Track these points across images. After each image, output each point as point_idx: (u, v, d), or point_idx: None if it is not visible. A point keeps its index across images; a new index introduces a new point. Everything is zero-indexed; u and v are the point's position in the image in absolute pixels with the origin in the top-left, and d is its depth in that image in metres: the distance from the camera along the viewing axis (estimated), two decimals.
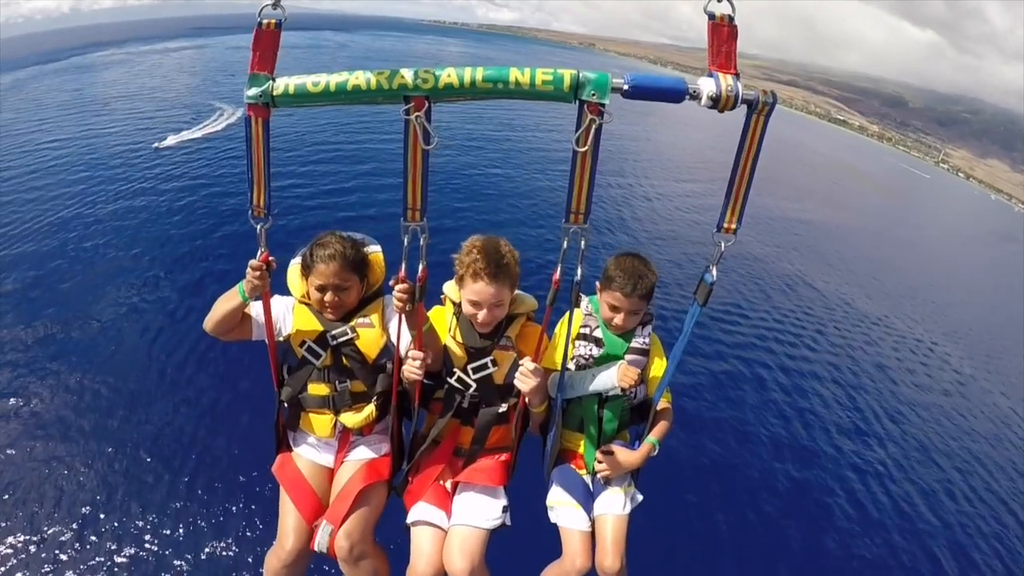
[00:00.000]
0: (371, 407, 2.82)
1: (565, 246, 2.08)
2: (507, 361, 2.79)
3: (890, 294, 20.88)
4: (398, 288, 2.30)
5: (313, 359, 2.76)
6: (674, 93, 1.83)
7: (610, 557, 2.66)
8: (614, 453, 2.86)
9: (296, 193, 16.31)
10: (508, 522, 2.78)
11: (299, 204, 15.54)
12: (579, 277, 2.23)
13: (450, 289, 2.84)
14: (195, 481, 7.31)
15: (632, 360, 2.80)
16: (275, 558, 2.64)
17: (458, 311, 2.79)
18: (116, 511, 6.80)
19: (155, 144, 21.11)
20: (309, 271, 2.70)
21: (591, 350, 2.85)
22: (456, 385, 2.80)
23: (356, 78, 1.87)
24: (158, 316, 10.45)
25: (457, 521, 2.70)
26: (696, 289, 2.27)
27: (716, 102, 1.79)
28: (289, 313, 2.78)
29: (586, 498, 2.88)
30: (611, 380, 2.71)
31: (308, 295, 2.77)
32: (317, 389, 2.80)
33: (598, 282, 2.87)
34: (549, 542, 2.85)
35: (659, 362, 2.90)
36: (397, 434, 2.92)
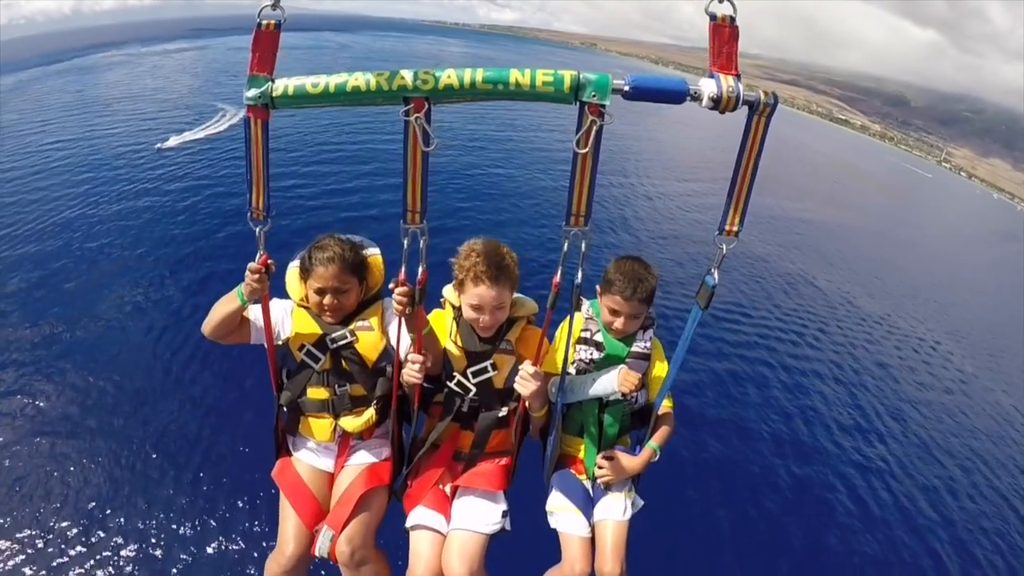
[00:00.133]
0: (371, 411, 2.79)
1: (566, 248, 2.06)
2: (507, 365, 2.77)
3: (892, 293, 20.85)
4: (398, 291, 2.28)
5: (312, 363, 2.73)
6: (675, 94, 1.82)
7: (610, 563, 2.64)
8: (615, 458, 2.84)
9: (299, 193, 16.36)
10: (508, 527, 2.76)
11: (302, 204, 15.58)
12: (579, 280, 2.21)
13: (449, 293, 2.81)
14: (199, 480, 7.35)
15: (633, 365, 2.77)
16: (276, 563, 2.61)
17: (458, 315, 2.77)
18: (121, 509, 6.85)
19: (157, 145, 21.16)
20: (308, 274, 2.68)
21: (591, 354, 2.83)
22: (456, 389, 2.78)
23: (355, 79, 1.85)
24: (162, 315, 10.50)
25: (456, 526, 2.68)
26: (697, 292, 2.25)
27: (717, 103, 1.78)
28: (288, 316, 2.75)
29: (586, 503, 2.86)
30: (611, 385, 2.68)
31: (307, 298, 2.75)
32: (316, 393, 2.77)
33: (598, 286, 2.85)
34: (549, 547, 2.82)
35: (660, 366, 2.87)
36: (397, 438, 2.90)
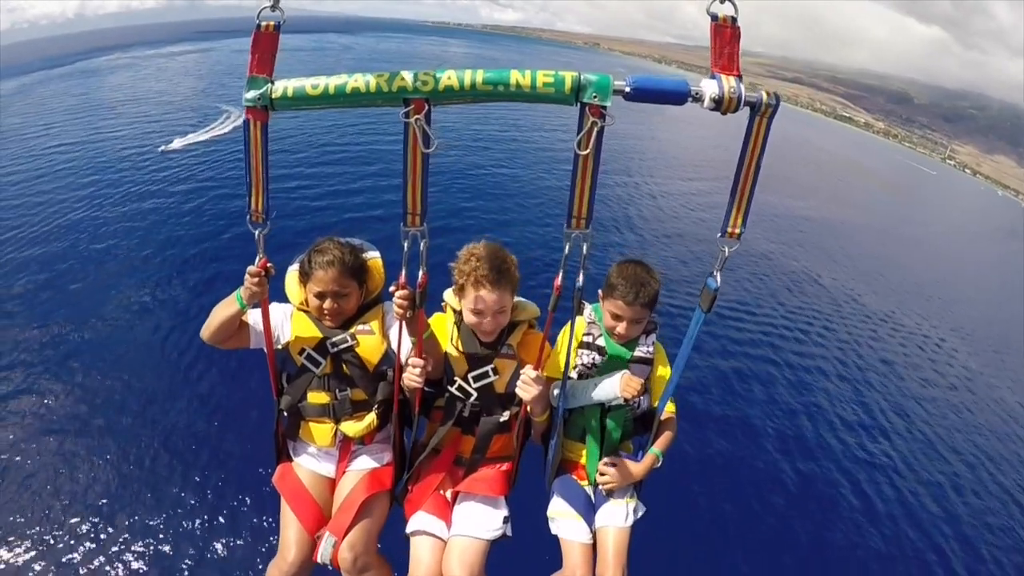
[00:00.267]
0: (372, 416, 2.78)
1: (567, 251, 2.04)
2: (508, 369, 2.75)
3: (896, 290, 20.77)
4: (398, 294, 2.27)
5: (313, 367, 2.72)
6: (676, 95, 1.80)
7: (611, 570, 2.62)
8: (617, 464, 2.82)
9: (303, 194, 16.40)
10: (509, 533, 2.74)
11: (306, 205, 15.62)
12: (580, 283, 2.20)
13: (450, 297, 2.79)
14: (206, 479, 7.39)
15: (635, 369, 2.76)
16: (277, 570, 2.60)
17: (459, 319, 2.76)
18: (129, 507, 6.90)
19: (161, 147, 21.19)
20: (307, 278, 2.67)
21: (594, 359, 2.82)
22: (457, 393, 2.77)
23: (355, 81, 1.84)
24: (169, 315, 10.56)
25: (457, 531, 2.66)
26: (699, 295, 2.24)
27: (719, 105, 1.77)
28: (287, 320, 2.74)
29: (587, 509, 2.84)
30: (614, 390, 2.65)
31: (307, 302, 2.73)
32: (317, 398, 2.76)
33: (600, 290, 2.83)
34: (550, 554, 2.81)
35: (663, 371, 2.85)
36: (399, 443, 2.88)
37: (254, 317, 2.66)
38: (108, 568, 6.22)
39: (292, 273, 2.79)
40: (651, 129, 41.36)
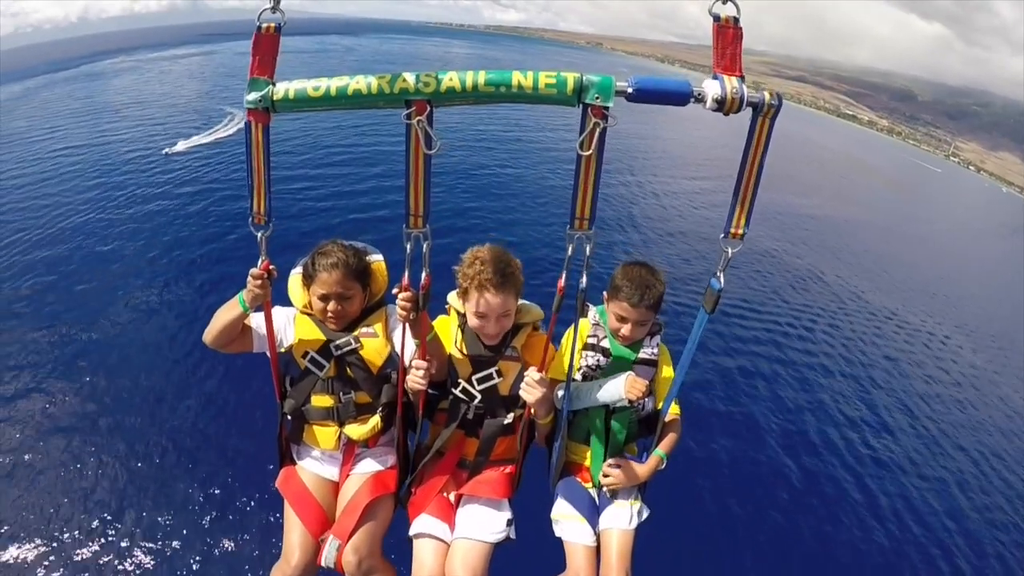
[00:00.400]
0: (376, 418, 2.77)
1: (570, 252, 2.04)
2: (512, 372, 2.74)
3: (901, 288, 20.71)
4: (401, 296, 2.25)
5: (317, 370, 2.71)
6: (679, 96, 1.79)
7: (615, 573, 2.59)
8: (621, 465, 2.80)
9: (308, 195, 16.44)
10: (512, 536, 2.73)
11: (312, 206, 15.66)
12: (584, 284, 2.19)
13: (454, 300, 2.79)
14: (212, 479, 7.43)
15: (640, 371, 2.74)
16: (280, 574, 2.60)
17: (463, 322, 2.75)
18: (136, 505, 6.97)
19: (166, 150, 21.25)
20: (311, 280, 2.66)
21: (598, 360, 2.80)
22: (461, 396, 2.76)
23: (357, 82, 1.83)
24: (176, 316, 10.60)
25: (460, 534, 2.65)
26: (703, 296, 2.22)
27: (721, 105, 1.75)
28: (290, 324, 2.73)
29: (591, 512, 2.82)
30: (618, 391, 2.63)
31: (310, 305, 2.72)
32: (321, 401, 2.75)
33: (605, 292, 2.82)
34: (553, 556, 2.79)
35: (667, 372, 2.83)
36: (403, 446, 2.86)
37: (257, 320, 2.65)
38: (115, 565, 6.28)
39: (295, 276, 2.78)
40: (655, 128, 41.29)
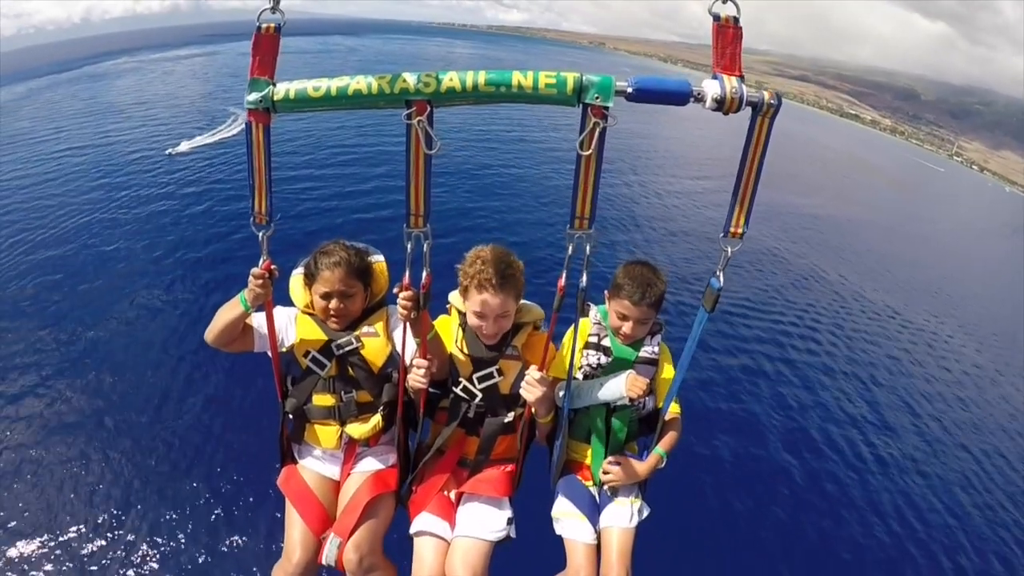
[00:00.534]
0: (377, 417, 2.78)
1: (570, 252, 2.04)
2: (513, 371, 2.75)
3: (904, 287, 20.65)
4: (402, 296, 2.26)
5: (318, 369, 2.72)
6: (678, 96, 1.80)
7: (615, 571, 2.60)
8: (621, 462, 2.81)
9: (311, 195, 16.47)
10: (512, 534, 2.73)
11: (316, 206, 15.68)
12: (584, 284, 2.20)
13: (455, 299, 2.80)
14: (216, 477, 7.44)
15: (640, 370, 2.74)
16: (282, 571, 2.60)
17: (464, 321, 2.76)
18: (141, 503, 6.99)
19: (169, 150, 21.27)
20: (313, 279, 2.67)
21: (599, 359, 2.81)
22: (461, 395, 2.77)
23: (357, 83, 1.84)
24: (180, 315, 10.63)
25: (460, 532, 2.66)
26: (703, 295, 2.23)
27: (721, 105, 1.76)
28: (292, 323, 2.74)
29: (592, 510, 2.82)
30: (619, 390, 2.63)
31: (311, 304, 2.73)
32: (322, 400, 2.76)
33: (606, 290, 2.83)
34: (554, 555, 2.79)
35: (668, 371, 2.84)
36: (403, 444, 2.88)
37: (258, 320, 2.66)
38: (120, 562, 6.31)
39: (296, 276, 2.80)
40: (656, 127, 41.23)
